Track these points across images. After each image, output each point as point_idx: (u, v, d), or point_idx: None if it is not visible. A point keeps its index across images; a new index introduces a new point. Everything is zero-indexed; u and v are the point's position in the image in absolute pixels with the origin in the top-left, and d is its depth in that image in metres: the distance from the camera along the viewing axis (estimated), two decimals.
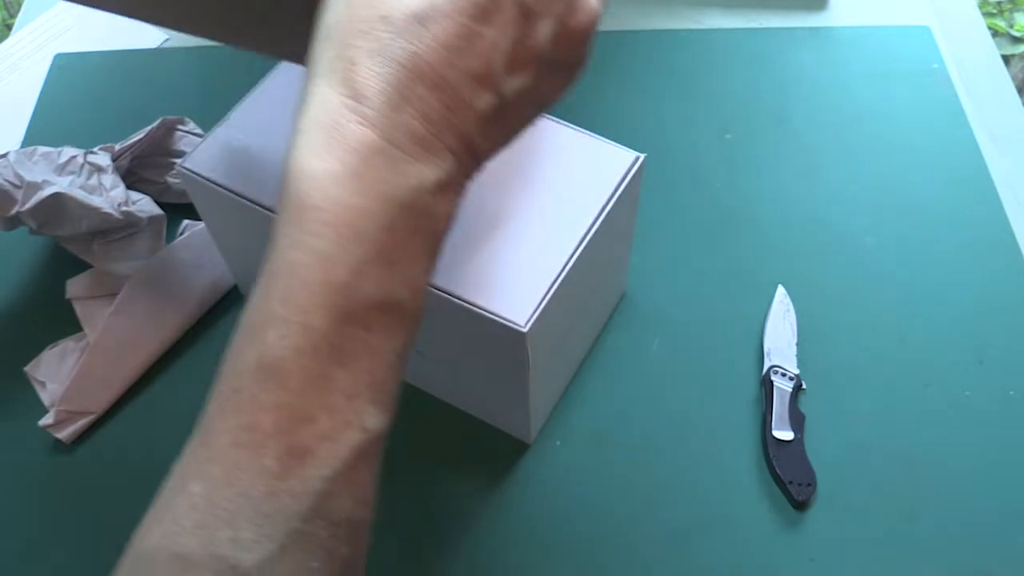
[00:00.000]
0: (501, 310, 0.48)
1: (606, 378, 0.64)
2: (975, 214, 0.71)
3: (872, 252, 0.69)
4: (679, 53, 0.83)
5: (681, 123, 0.78)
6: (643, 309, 0.67)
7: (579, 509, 0.58)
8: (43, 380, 0.63)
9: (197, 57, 0.84)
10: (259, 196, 0.53)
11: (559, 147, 0.55)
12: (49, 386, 0.62)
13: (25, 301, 0.69)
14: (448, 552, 0.57)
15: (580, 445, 0.61)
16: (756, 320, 0.66)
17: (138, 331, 0.63)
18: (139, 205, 0.66)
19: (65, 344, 0.64)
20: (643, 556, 0.56)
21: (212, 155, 0.56)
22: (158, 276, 0.64)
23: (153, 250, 0.65)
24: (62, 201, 0.62)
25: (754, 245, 0.70)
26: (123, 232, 0.65)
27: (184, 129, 0.72)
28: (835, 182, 0.73)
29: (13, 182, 0.62)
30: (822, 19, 0.85)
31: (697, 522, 0.58)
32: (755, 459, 0.60)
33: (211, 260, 0.66)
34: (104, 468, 0.61)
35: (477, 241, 0.51)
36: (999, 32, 1.55)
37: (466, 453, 0.61)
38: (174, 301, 0.64)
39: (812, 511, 0.58)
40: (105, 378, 0.62)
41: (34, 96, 0.82)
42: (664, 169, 0.73)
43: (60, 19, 0.89)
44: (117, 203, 0.64)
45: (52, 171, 0.64)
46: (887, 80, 0.80)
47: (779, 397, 0.61)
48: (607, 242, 0.56)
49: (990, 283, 0.67)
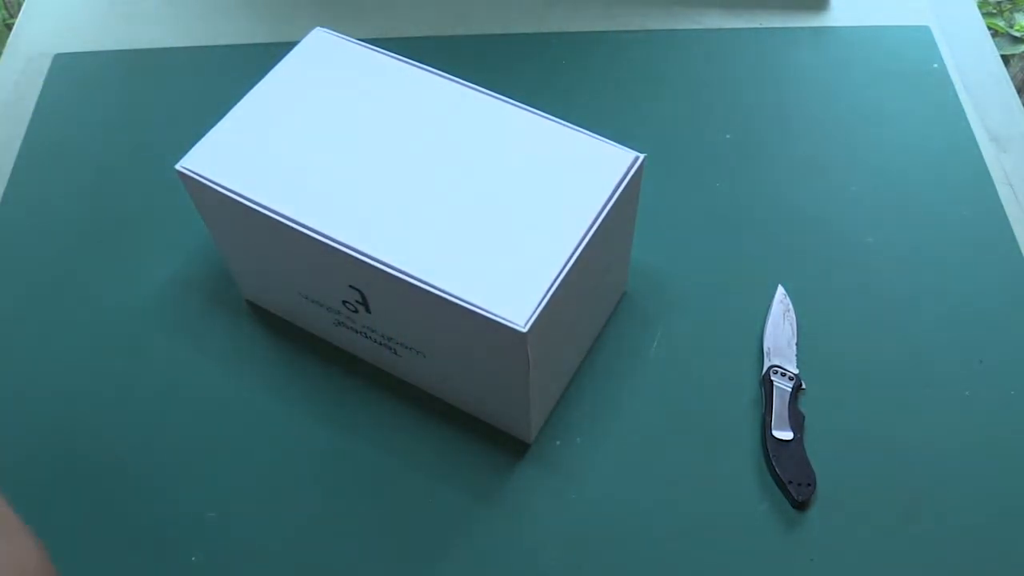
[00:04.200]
0: (501, 310, 0.48)
1: (606, 378, 0.64)
2: (975, 214, 0.71)
3: (872, 252, 0.69)
4: (679, 53, 0.83)
5: (681, 123, 0.78)
6: (643, 309, 0.67)
7: (579, 509, 0.58)
8: None
9: (197, 57, 0.84)
10: (259, 196, 0.53)
11: (559, 147, 0.55)
12: None
13: None
14: (448, 552, 0.57)
15: (580, 445, 0.61)
16: (756, 320, 0.66)
17: None
18: None
19: None
20: (643, 555, 0.56)
21: (212, 155, 0.56)
22: None
23: None
24: None
25: (754, 245, 0.70)
26: None
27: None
28: (835, 182, 0.73)
29: None
30: (822, 19, 0.85)
31: (697, 522, 0.58)
32: (755, 459, 0.60)
33: None
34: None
35: (477, 241, 0.51)
36: (999, 32, 1.55)
37: (466, 453, 0.61)
38: None
39: (812, 511, 0.58)
40: None
41: (34, 96, 0.82)
42: (664, 169, 0.73)
43: (60, 19, 0.89)
44: None
45: None
46: (887, 80, 0.80)
47: (779, 397, 0.61)
48: (607, 242, 0.56)
49: (990, 283, 0.67)
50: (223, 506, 0.59)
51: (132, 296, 0.68)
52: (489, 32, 0.86)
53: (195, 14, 0.89)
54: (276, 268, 0.60)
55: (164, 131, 0.78)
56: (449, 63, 0.61)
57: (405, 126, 0.57)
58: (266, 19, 0.88)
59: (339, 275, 0.54)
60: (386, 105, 0.58)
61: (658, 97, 0.80)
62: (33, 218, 0.73)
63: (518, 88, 0.62)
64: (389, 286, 0.51)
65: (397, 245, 0.51)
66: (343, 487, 0.60)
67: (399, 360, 0.60)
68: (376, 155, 0.55)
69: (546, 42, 0.84)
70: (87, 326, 0.67)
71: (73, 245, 0.71)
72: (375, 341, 0.60)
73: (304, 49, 0.61)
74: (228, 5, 0.89)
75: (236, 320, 0.67)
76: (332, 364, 0.64)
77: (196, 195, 0.57)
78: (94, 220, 0.73)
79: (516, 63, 0.83)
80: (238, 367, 0.65)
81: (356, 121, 0.57)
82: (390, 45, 0.62)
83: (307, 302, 0.61)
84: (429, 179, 0.54)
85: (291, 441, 0.61)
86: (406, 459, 0.61)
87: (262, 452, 0.61)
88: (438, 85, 0.59)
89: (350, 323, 0.59)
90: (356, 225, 0.52)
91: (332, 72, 0.60)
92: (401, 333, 0.57)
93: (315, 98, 0.58)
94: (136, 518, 0.59)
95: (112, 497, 0.60)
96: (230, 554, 0.57)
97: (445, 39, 0.85)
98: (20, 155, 0.77)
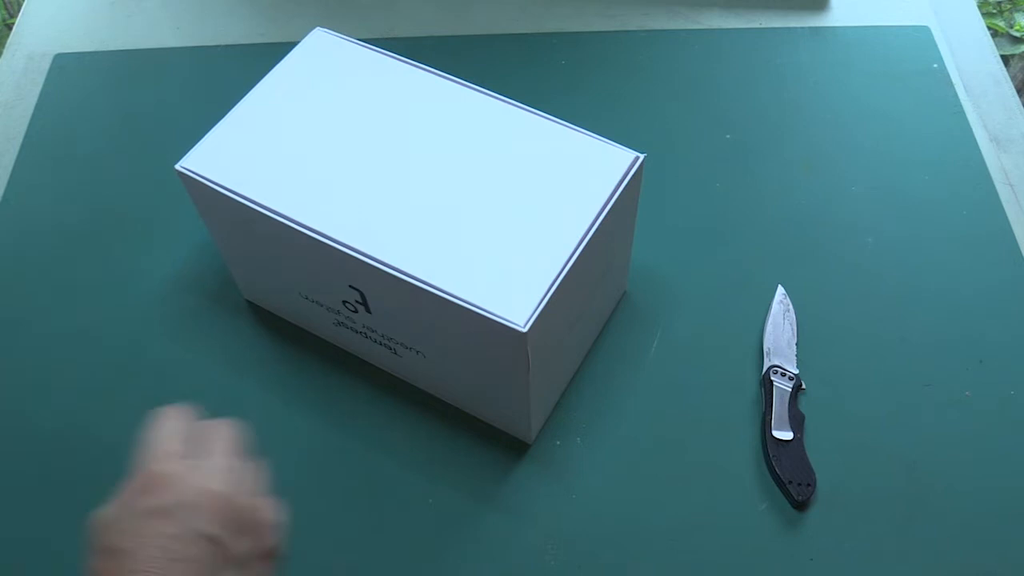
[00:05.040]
0: (501, 310, 0.48)
1: (606, 378, 0.64)
2: (975, 214, 0.71)
3: (872, 252, 0.69)
4: (679, 53, 0.83)
5: (681, 123, 0.78)
6: (643, 309, 0.67)
7: (579, 509, 0.58)
8: None
9: (197, 57, 0.84)
10: (259, 196, 0.53)
11: (559, 147, 0.55)
12: None
13: None
14: (448, 551, 0.57)
15: (580, 445, 0.61)
16: (756, 320, 0.66)
17: None
18: None
19: None
20: (643, 555, 0.56)
21: (212, 155, 0.56)
22: None
23: None
24: None
25: (754, 245, 0.70)
26: None
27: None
28: (835, 182, 0.73)
29: None
30: (822, 19, 0.85)
31: (697, 522, 0.58)
32: (755, 459, 0.60)
33: None
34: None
35: (477, 241, 0.51)
36: (999, 32, 1.55)
37: (466, 453, 0.61)
38: None
39: (812, 511, 0.58)
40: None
41: (34, 96, 0.82)
42: (664, 169, 0.73)
43: (60, 19, 0.89)
44: None
45: None
46: (887, 80, 0.80)
47: (779, 397, 0.61)
48: (607, 242, 0.56)
49: (990, 283, 0.67)
50: None
51: (132, 296, 0.68)
52: (489, 32, 0.85)
53: (195, 14, 0.89)
54: (276, 268, 0.60)
55: (164, 131, 0.78)
56: (449, 63, 0.61)
57: (405, 126, 0.57)
58: (266, 19, 0.88)
59: (339, 275, 0.54)
60: (386, 105, 0.58)
61: (658, 97, 0.80)
62: (33, 218, 0.73)
63: (518, 88, 0.62)
64: (389, 286, 0.51)
65: (397, 245, 0.51)
66: (343, 487, 0.60)
67: (399, 360, 0.60)
68: (376, 155, 0.55)
69: (546, 42, 0.84)
70: (87, 326, 0.67)
71: (73, 245, 0.71)
72: (375, 341, 0.60)
73: (304, 49, 0.61)
74: (228, 5, 0.89)
75: (236, 320, 0.67)
76: (332, 364, 0.64)
77: (196, 195, 0.57)
78: (94, 220, 0.73)
79: (516, 63, 0.83)
80: (238, 367, 0.65)
81: (356, 121, 0.57)
82: (390, 45, 0.62)
83: (307, 302, 0.61)
84: (429, 179, 0.54)
85: (290, 441, 0.61)
86: (406, 459, 0.61)
87: (261, 452, 0.61)
88: (438, 85, 0.59)
89: (350, 323, 0.59)
90: (356, 225, 0.52)
91: (332, 72, 0.60)
92: (401, 333, 0.57)
93: (315, 98, 0.58)
94: None
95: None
96: None
97: (445, 39, 0.85)
98: (20, 155, 0.77)
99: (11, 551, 0.58)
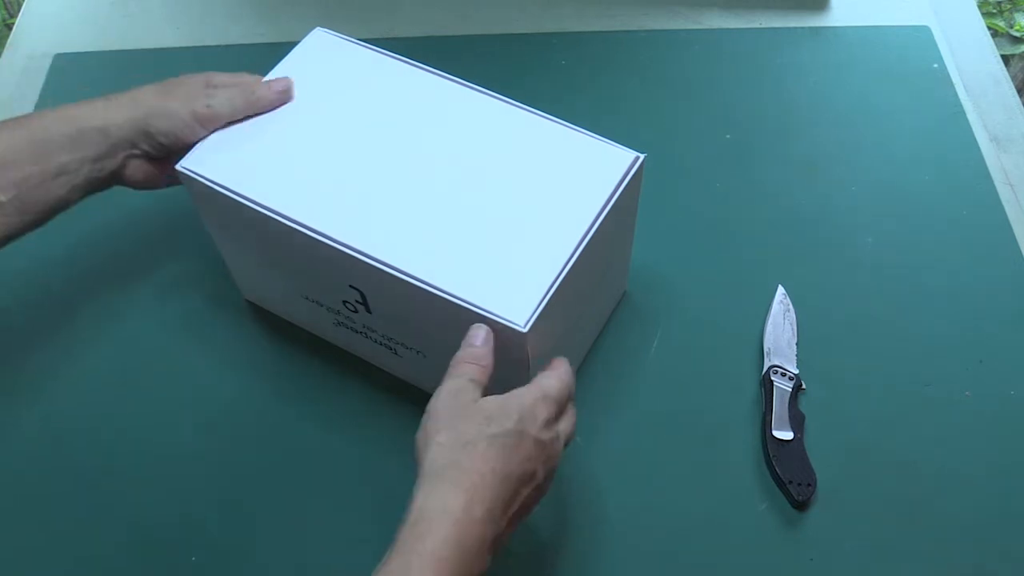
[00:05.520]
0: (501, 310, 0.48)
1: (606, 378, 0.64)
2: (975, 214, 0.71)
3: (872, 252, 0.69)
4: (679, 53, 0.83)
5: (681, 123, 0.78)
6: (643, 309, 0.67)
7: (579, 508, 0.58)
8: None
9: (197, 57, 0.84)
10: (259, 196, 0.53)
11: (559, 147, 0.55)
12: None
13: None
14: None
15: (580, 445, 0.61)
16: (756, 320, 0.66)
17: None
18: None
19: None
20: (643, 555, 0.56)
21: (212, 155, 0.56)
22: None
23: None
24: None
25: (754, 245, 0.70)
26: None
27: None
28: (835, 182, 0.73)
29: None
30: (822, 19, 0.86)
31: (697, 522, 0.58)
32: (755, 459, 0.60)
33: None
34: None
35: (477, 241, 0.51)
36: (999, 32, 1.55)
37: None
38: None
39: (812, 511, 0.58)
40: None
41: (34, 96, 0.82)
42: (664, 169, 0.73)
43: (60, 19, 0.89)
44: None
45: None
46: (887, 80, 0.80)
47: (779, 397, 0.61)
48: (607, 242, 0.56)
49: (990, 283, 0.67)
50: (223, 506, 0.59)
51: (132, 296, 0.68)
52: (489, 32, 0.86)
53: (195, 14, 0.89)
54: (276, 268, 0.60)
55: None
56: (449, 63, 0.61)
57: (405, 126, 0.57)
58: (266, 19, 0.88)
59: (339, 275, 0.54)
60: (386, 105, 0.58)
61: (658, 97, 0.80)
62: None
63: (518, 88, 0.62)
64: (389, 286, 0.51)
65: (397, 245, 0.51)
66: (343, 487, 0.59)
67: (399, 360, 0.60)
68: (376, 155, 0.55)
69: (546, 42, 0.84)
70: (87, 326, 0.67)
71: (73, 245, 0.71)
72: (375, 341, 0.60)
73: (304, 49, 0.61)
74: (228, 5, 0.89)
75: (236, 320, 0.67)
76: (332, 364, 0.64)
77: (196, 195, 0.57)
78: (93, 220, 0.73)
79: (516, 63, 0.83)
80: (238, 367, 0.65)
81: (356, 121, 0.57)
82: (391, 45, 0.62)
83: (307, 302, 0.60)
84: (429, 179, 0.54)
85: (291, 441, 0.61)
86: (406, 459, 0.61)
87: (262, 452, 0.61)
88: (439, 85, 0.59)
89: (350, 323, 0.59)
90: (356, 225, 0.52)
91: (332, 72, 0.60)
92: (401, 333, 0.57)
93: (315, 98, 0.58)
94: (135, 518, 0.59)
95: (111, 497, 0.60)
96: (230, 554, 0.57)
97: (445, 39, 0.85)
98: None
99: (11, 551, 0.58)
